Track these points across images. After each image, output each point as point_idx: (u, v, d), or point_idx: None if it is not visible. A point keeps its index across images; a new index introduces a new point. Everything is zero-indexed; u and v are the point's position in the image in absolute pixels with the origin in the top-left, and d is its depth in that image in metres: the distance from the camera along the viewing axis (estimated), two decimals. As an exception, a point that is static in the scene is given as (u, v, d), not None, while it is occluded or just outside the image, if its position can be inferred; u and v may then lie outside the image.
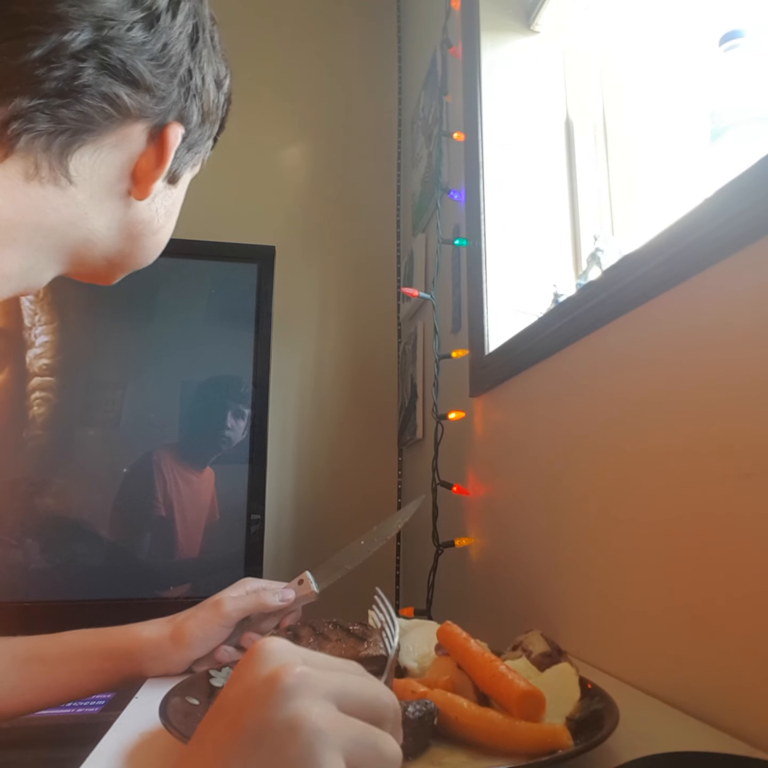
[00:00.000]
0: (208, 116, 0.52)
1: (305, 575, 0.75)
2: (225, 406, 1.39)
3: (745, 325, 0.53)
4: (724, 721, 0.52)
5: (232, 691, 0.30)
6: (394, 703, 0.32)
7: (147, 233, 0.52)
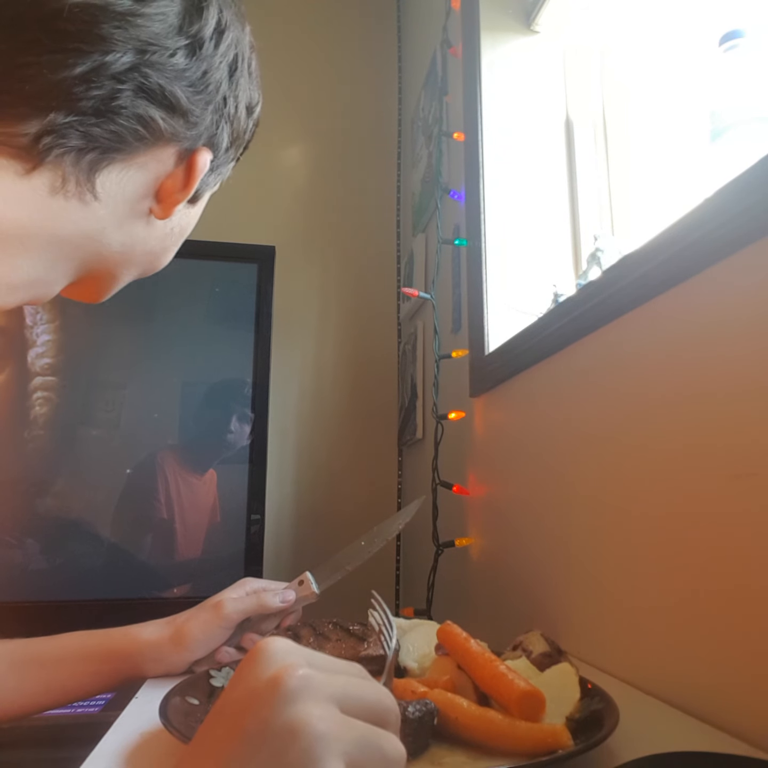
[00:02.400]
0: (236, 141, 0.53)
1: (305, 576, 0.75)
2: (227, 408, 1.38)
3: (745, 324, 0.53)
4: (724, 721, 0.52)
5: (233, 692, 0.30)
6: (395, 706, 0.32)
7: (158, 251, 0.53)
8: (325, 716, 0.28)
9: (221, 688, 0.59)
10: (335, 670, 0.31)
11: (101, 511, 1.31)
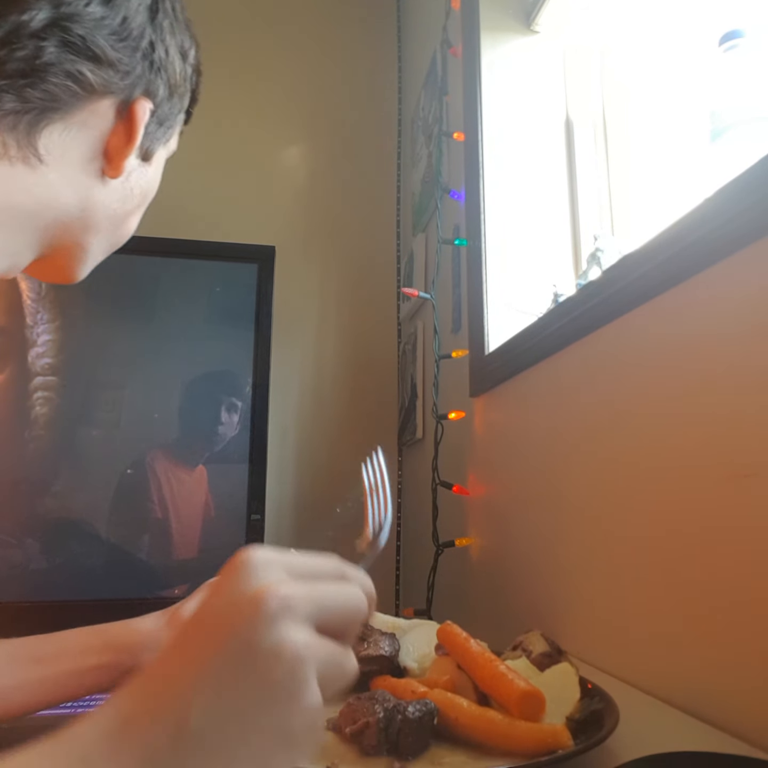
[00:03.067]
0: (176, 89, 0.52)
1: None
2: (220, 403, 1.38)
3: (745, 324, 0.53)
4: (724, 721, 0.52)
5: (216, 602, 0.31)
6: (365, 599, 0.35)
7: (121, 214, 0.52)
8: (305, 640, 0.30)
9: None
10: (314, 575, 0.34)
11: (101, 511, 1.31)
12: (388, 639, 0.63)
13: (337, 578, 0.35)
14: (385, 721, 0.46)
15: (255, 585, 0.31)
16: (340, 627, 0.33)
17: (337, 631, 0.32)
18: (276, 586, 0.30)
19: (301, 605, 0.31)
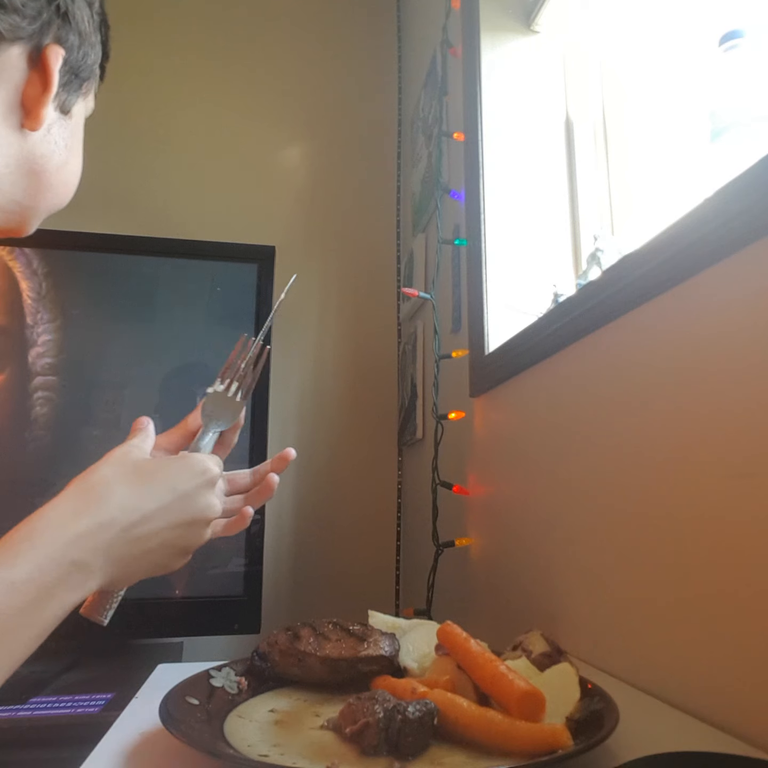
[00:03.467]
0: (87, 37, 0.53)
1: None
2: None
3: (745, 324, 0.53)
4: (724, 721, 0.52)
5: (174, 462, 0.53)
6: (217, 469, 0.56)
7: (50, 169, 0.52)
8: (219, 505, 0.56)
9: (221, 688, 0.59)
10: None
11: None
12: (388, 639, 0.63)
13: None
14: (385, 721, 0.46)
15: (203, 460, 0.54)
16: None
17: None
18: (214, 465, 0.55)
19: (219, 481, 0.56)
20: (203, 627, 1.31)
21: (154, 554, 0.50)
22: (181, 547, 0.52)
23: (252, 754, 0.47)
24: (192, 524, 0.52)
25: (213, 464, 0.54)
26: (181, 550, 0.53)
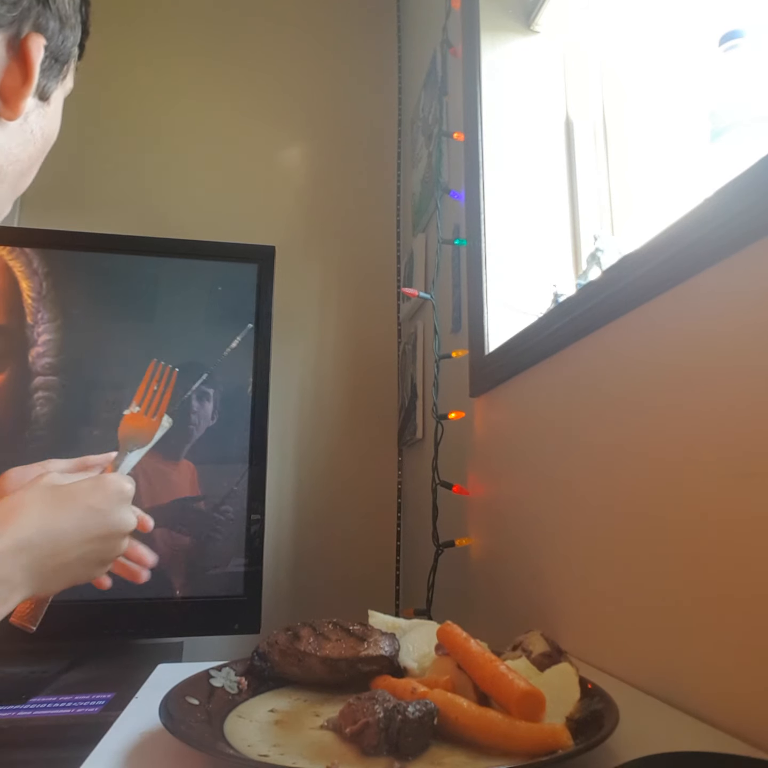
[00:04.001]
0: (67, 20, 0.51)
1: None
2: (227, 408, 1.38)
3: (745, 324, 0.53)
4: (724, 721, 0.52)
5: (89, 482, 0.57)
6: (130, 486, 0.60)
7: (24, 159, 0.51)
8: (135, 520, 0.59)
9: (221, 688, 0.59)
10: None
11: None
12: (388, 639, 0.63)
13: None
14: (385, 721, 0.46)
15: (118, 479, 0.59)
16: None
17: None
18: (128, 483, 0.59)
19: (132, 495, 0.59)
20: (203, 627, 1.31)
21: (73, 567, 0.55)
22: (98, 559, 0.57)
23: (252, 754, 0.47)
24: (107, 538, 0.57)
25: (127, 482, 0.59)
26: (99, 561, 0.57)
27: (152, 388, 0.70)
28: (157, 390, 0.69)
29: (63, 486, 0.56)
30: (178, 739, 0.46)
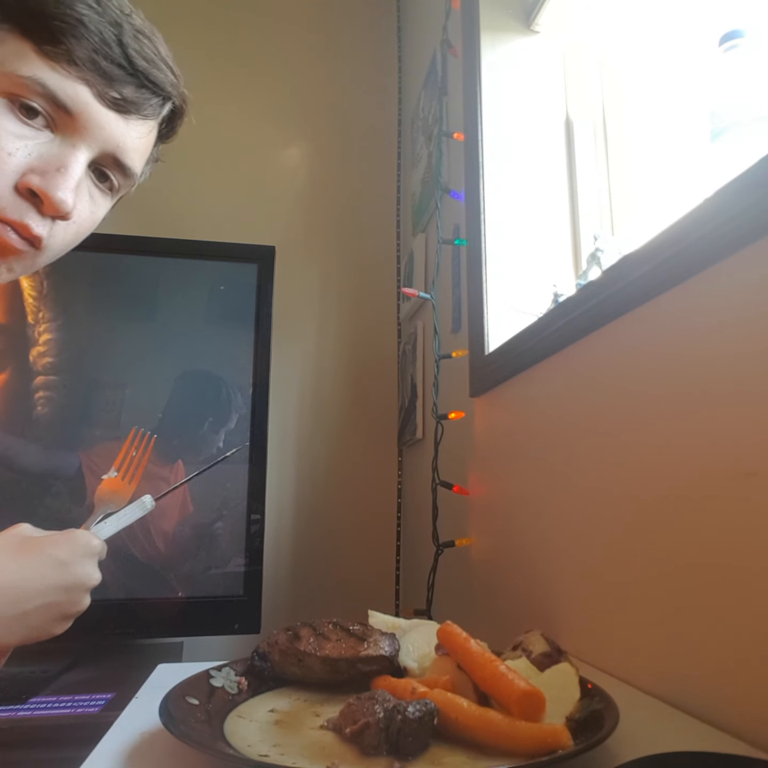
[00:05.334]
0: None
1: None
2: (227, 408, 1.38)
3: (745, 324, 0.53)
4: (724, 721, 0.52)
5: (58, 536, 0.57)
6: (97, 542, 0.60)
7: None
8: (99, 576, 0.58)
9: (221, 688, 0.59)
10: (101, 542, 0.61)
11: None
12: (388, 639, 0.63)
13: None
14: (385, 721, 0.46)
15: (86, 534, 0.59)
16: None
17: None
18: (96, 539, 0.59)
19: (100, 553, 0.59)
20: (203, 627, 1.31)
21: (33, 618, 0.53)
22: (60, 611, 0.55)
23: (252, 754, 0.47)
24: (70, 590, 0.55)
25: (95, 538, 0.60)
26: (60, 614, 0.55)
27: (131, 454, 0.71)
28: (135, 456, 0.71)
29: (31, 537, 0.56)
30: (178, 739, 0.46)
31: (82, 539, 0.58)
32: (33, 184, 0.50)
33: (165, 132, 0.64)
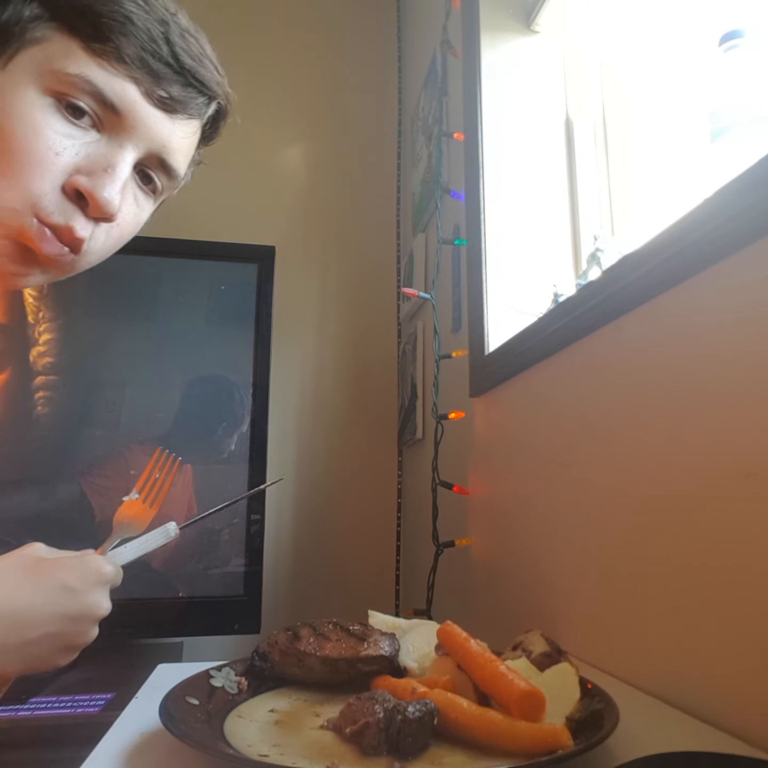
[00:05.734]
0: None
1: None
2: (227, 408, 1.38)
3: (745, 324, 0.53)
4: (724, 721, 0.52)
5: (69, 560, 0.54)
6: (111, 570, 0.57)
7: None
8: (109, 605, 0.56)
9: (221, 688, 0.59)
10: (117, 572, 0.58)
11: (101, 512, 1.31)
12: (388, 639, 0.63)
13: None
14: (385, 721, 0.46)
15: (99, 559, 0.56)
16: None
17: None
18: (109, 565, 0.56)
19: (113, 580, 0.57)
20: (203, 627, 1.31)
21: (36, 646, 0.50)
22: (65, 642, 0.52)
23: (252, 754, 0.47)
24: (77, 619, 0.52)
25: (108, 565, 0.56)
26: (65, 645, 0.52)
27: (154, 475, 0.68)
28: (158, 478, 0.68)
29: (43, 559, 0.53)
30: (178, 739, 0.46)
31: (93, 565, 0.55)
32: (80, 185, 0.50)
33: (208, 133, 0.63)
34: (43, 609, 0.50)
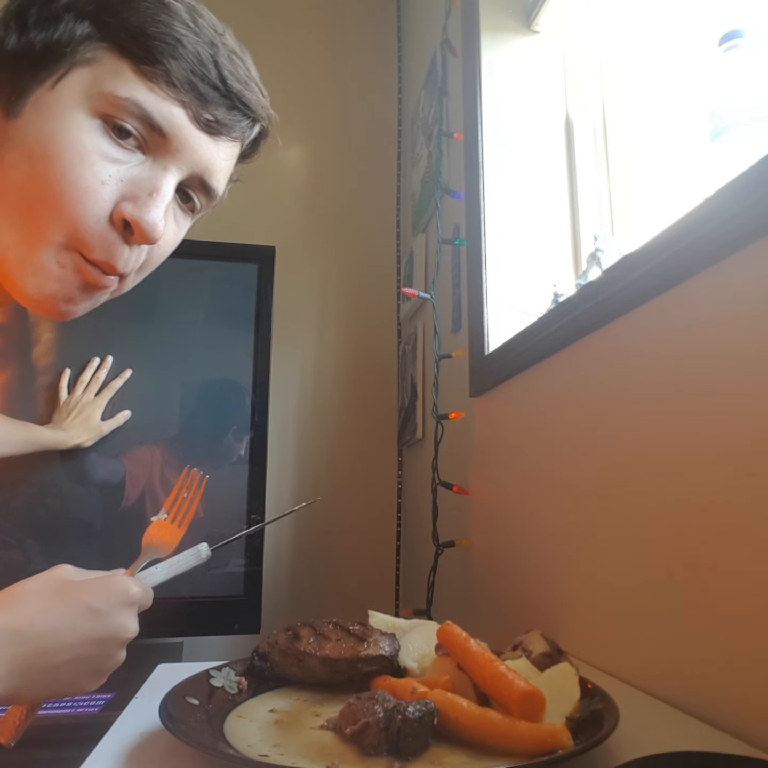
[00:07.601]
0: (17, 16, 0.47)
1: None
2: (227, 409, 1.38)
3: (745, 324, 0.53)
4: (724, 721, 0.52)
5: (96, 581, 0.53)
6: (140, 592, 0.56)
7: (30, 189, 0.48)
8: (137, 628, 0.54)
9: (221, 688, 0.59)
10: (146, 593, 0.57)
11: (102, 512, 1.31)
12: (388, 639, 0.63)
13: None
14: (385, 721, 0.46)
15: (125, 580, 0.54)
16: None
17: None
18: (136, 587, 0.54)
19: (141, 602, 0.55)
20: (203, 627, 1.31)
21: (62, 671, 0.49)
22: (92, 666, 0.51)
23: (252, 754, 0.47)
24: (103, 643, 0.51)
25: (135, 586, 0.54)
26: (92, 669, 0.51)
27: (182, 494, 0.67)
28: (186, 497, 0.67)
29: (70, 581, 0.52)
30: (178, 739, 0.46)
31: (119, 586, 0.53)
32: (126, 214, 0.49)
33: (248, 152, 0.62)
34: (69, 633, 0.49)
